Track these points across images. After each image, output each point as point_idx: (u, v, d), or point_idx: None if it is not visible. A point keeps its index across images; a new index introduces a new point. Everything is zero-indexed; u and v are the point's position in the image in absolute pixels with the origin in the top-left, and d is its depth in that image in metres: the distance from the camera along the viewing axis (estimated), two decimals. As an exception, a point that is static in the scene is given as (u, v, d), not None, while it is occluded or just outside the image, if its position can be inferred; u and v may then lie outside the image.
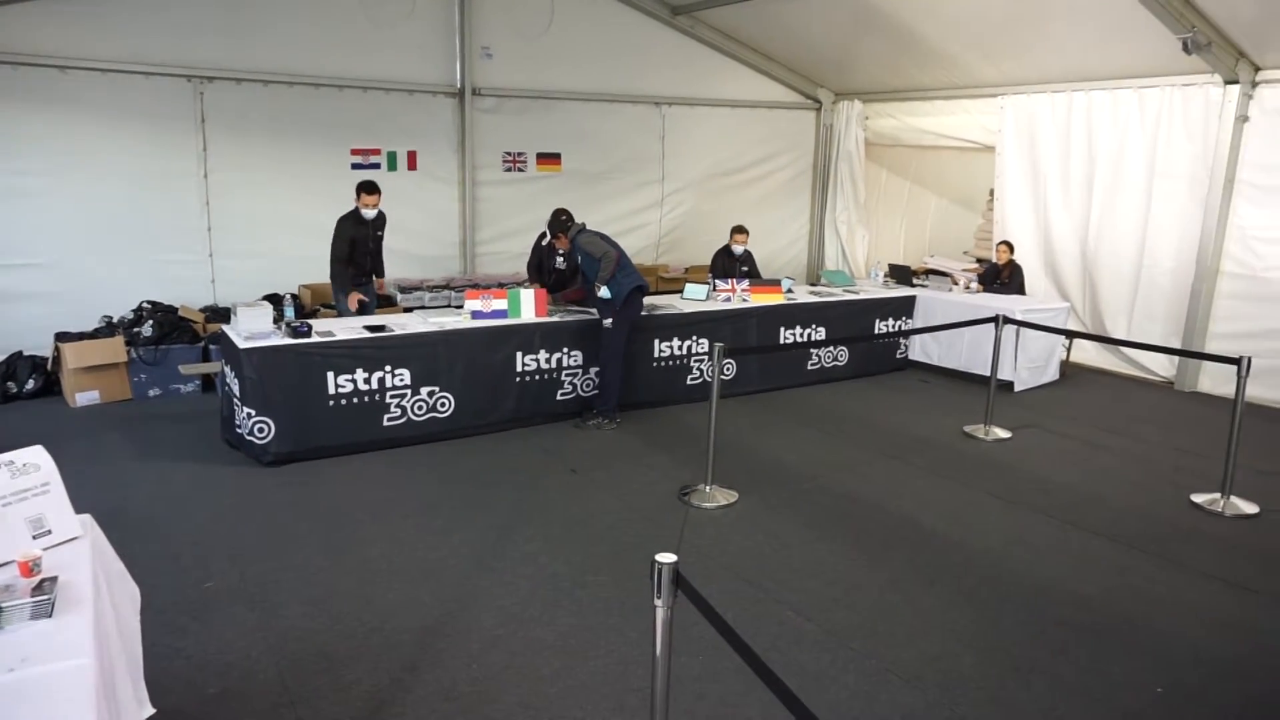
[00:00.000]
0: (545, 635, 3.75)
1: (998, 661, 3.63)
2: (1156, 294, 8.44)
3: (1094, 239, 8.88)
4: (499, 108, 9.49)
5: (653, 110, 10.52)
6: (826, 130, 11.69)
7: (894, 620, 3.94)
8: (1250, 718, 3.30)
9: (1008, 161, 9.59)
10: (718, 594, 4.11)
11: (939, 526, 4.99)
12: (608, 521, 4.95)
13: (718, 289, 7.76)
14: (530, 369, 6.49)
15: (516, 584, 4.19)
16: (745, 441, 6.38)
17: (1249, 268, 7.77)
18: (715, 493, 5.26)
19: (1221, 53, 7.35)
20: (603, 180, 10.25)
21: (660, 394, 7.18)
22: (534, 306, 6.59)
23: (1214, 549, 4.78)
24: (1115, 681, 3.51)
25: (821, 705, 3.28)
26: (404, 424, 6.02)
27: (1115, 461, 6.21)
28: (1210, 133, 7.84)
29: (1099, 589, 4.29)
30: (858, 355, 8.37)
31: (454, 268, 9.50)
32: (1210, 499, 5.40)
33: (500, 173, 9.66)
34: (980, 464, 6.08)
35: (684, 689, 3.35)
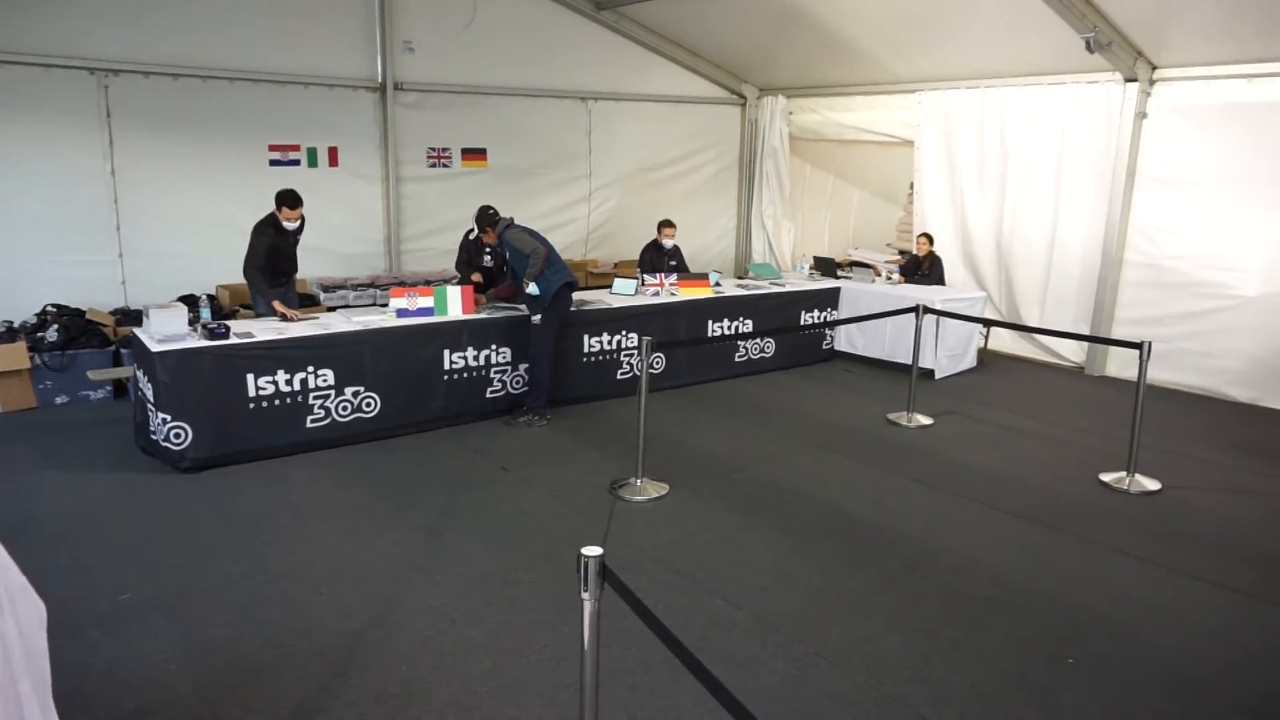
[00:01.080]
0: (476, 634, 3.73)
1: (921, 641, 3.74)
2: (1066, 283, 8.79)
3: (1008, 230, 9.20)
4: (422, 103, 9.34)
5: (579, 105, 10.49)
6: (751, 125, 11.84)
7: (821, 605, 4.03)
8: (1153, 682, 3.47)
9: (926, 156, 9.86)
10: (649, 586, 4.15)
11: (864, 512, 5.11)
12: (539, 518, 4.94)
13: (646, 283, 7.81)
14: (458, 367, 6.43)
15: (447, 584, 4.16)
16: (676, 434, 6.44)
17: (1150, 257, 8.16)
18: (646, 486, 5.30)
19: (1121, 52, 7.68)
20: (530, 176, 10.19)
21: (591, 389, 7.19)
22: (461, 304, 6.52)
23: (1120, 525, 5.01)
24: (1030, 654, 3.66)
25: (751, 691, 3.34)
26: (328, 425, 5.90)
27: (1029, 444, 6.46)
28: (1113, 128, 8.19)
29: (1015, 566, 4.46)
30: (785, 347, 8.51)
31: (379, 266, 9.33)
32: (1117, 477, 5.66)
33: (425, 169, 9.52)
34: (903, 450, 6.25)
35: (616, 681, 3.38)
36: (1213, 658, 3.66)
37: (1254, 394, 7.57)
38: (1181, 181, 7.88)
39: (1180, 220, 7.92)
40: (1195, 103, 7.74)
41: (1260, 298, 7.43)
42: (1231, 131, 7.50)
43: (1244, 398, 7.61)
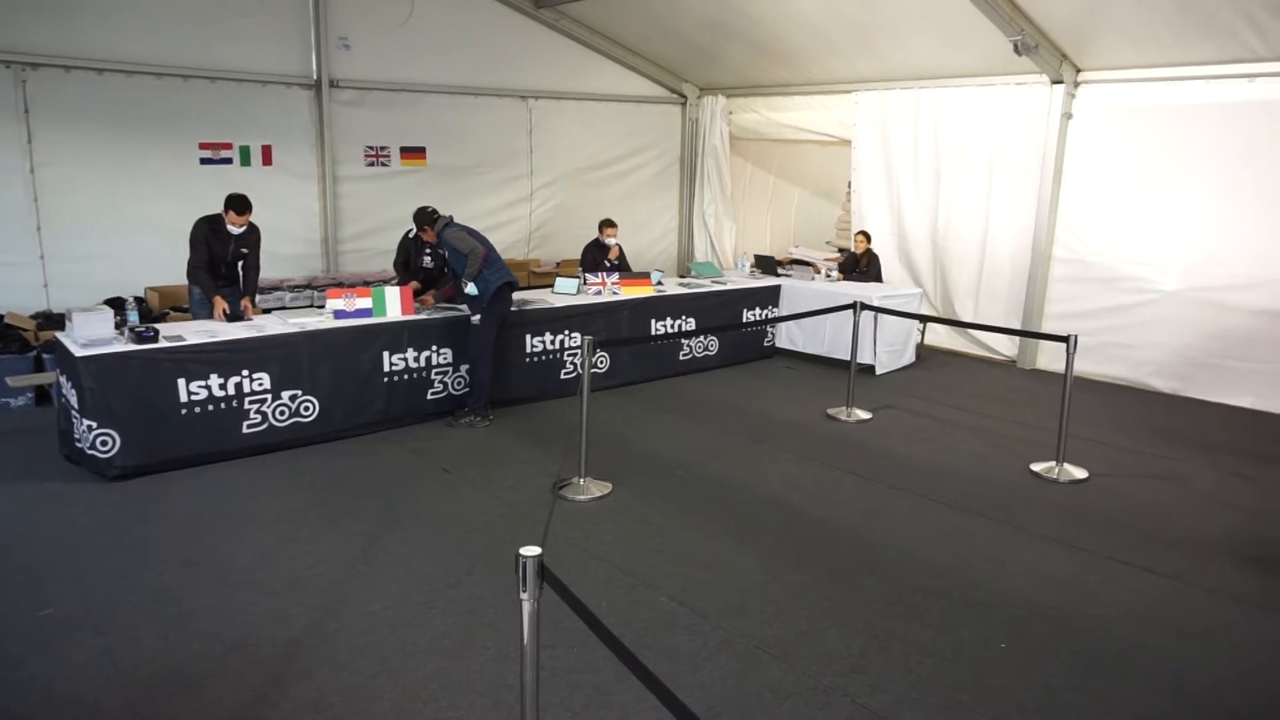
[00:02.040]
0: (418, 638, 3.69)
1: (859, 631, 3.81)
2: (999, 279, 9.04)
3: (942, 228, 9.42)
4: (359, 100, 9.19)
5: (519, 104, 10.44)
6: (692, 124, 11.91)
7: (763, 599, 4.08)
8: (1079, 662, 3.59)
9: (863, 155, 10.03)
10: (592, 584, 4.16)
11: (804, 506, 5.19)
12: (481, 520, 4.90)
13: (588, 282, 7.80)
14: (398, 369, 6.34)
15: (387, 588, 4.10)
16: (619, 433, 6.45)
17: (1077, 253, 8.43)
18: (589, 485, 5.30)
19: (1048, 54, 7.92)
20: (470, 175, 10.10)
21: (533, 389, 7.16)
22: (400, 304, 6.43)
23: (1050, 513, 5.17)
24: (964, 640, 3.75)
25: (694, 686, 3.37)
26: (265, 430, 5.77)
27: (964, 436, 6.62)
28: (1040, 129, 8.44)
29: (950, 556, 4.57)
30: (727, 345, 8.58)
31: (316, 266, 9.16)
32: (1047, 467, 5.84)
33: (362, 167, 9.37)
34: (843, 445, 6.36)
35: (559, 680, 3.37)
36: (1136, 638, 3.80)
37: (1175, 384, 7.87)
38: (1105, 180, 8.16)
39: (1105, 218, 8.20)
40: (1118, 105, 8.02)
41: (1179, 292, 7.73)
42: (1151, 132, 7.79)
43: (1165, 388, 7.92)
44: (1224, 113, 7.33)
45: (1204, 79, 7.38)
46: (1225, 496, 5.49)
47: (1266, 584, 4.32)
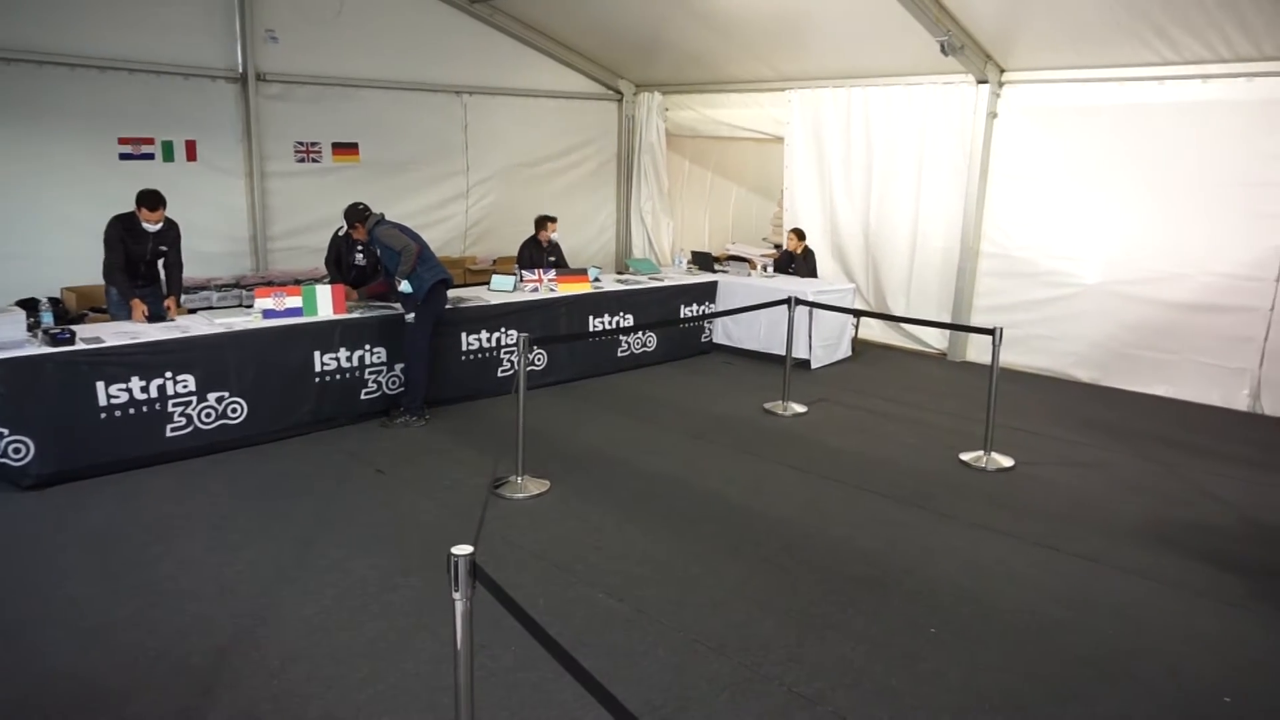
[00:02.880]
0: (353, 642, 3.62)
1: (795, 621, 3.87)
2: (929, 273, 9.25)
3: (874, 224, 9.60)
4: (288, 95, 8.97)
5: (454, 99, 10.31)
6: (629, 121, 11.92)
7: (701, 592, 4.12)
8: (1006, 644, 3.70)
9: (796, 152, 10.17)
10: (530, 583, 4.14)
11: (741, 499, 5.25)
12: (417, 521, 4.84)
13: (525, 279, 7.76)
14: (330, 369, 6.21)
15: (320, 593, 4.02)
16: (557, 430, 6.43)
17: (1003, 248, 8.68)
18: (527, 483, 5.27)
19: (973, 55, 8.13)
20: (404, 171, 9.95)
21: (470, 388, 7.08)
22: (331, 303, 6.30)
23: (978, 500, 5.32)
24: (896, 626, 3.84)
25: (632, 681, 3.39)
26: (190, 434, 5.60)
27: (897, 428, 6.77)
28: (967, 127, 8.67)
29: (883, 544, 4.67)
30: (665, 341, 8.62)
31: (245, 265, 8.91)
32: (975, 456, 6.01)
33: (293, 164, 9.15)
34: (779, 438, 6.44)
35: (496, 680, 3.35)
36: (1058, 617, 3.94)
37: (1095, 374, 8.17)
38: (1029, 178, 8.42)
39: (1029, 214, 8.47)
40: (1039, 105, 8.28)
41: (1099, 285, 8.03)
42: (1071, 131, 8.07)
43: (1087, 378, 8.21)
44: (1136, 113, 7.63)
45: (1118, 81, 7.68)
46: (1141, 481, 5.72)
47: (1177, 563, 4.52)
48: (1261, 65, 6.92)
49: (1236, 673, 3.55)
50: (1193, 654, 3.68)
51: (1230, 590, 4.24)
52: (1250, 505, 5.34)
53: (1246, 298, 7.21)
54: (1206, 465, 6.03)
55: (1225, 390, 7.42)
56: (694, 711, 3.22)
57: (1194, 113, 7.32)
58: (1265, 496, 5.49)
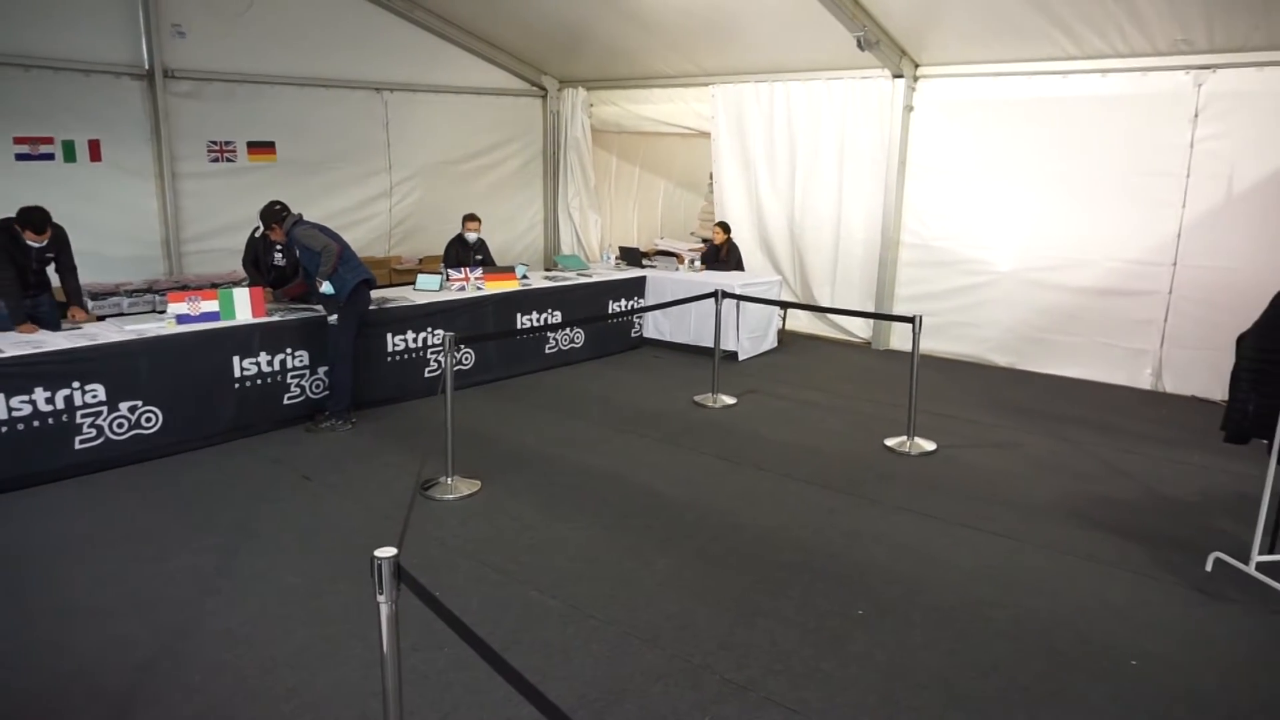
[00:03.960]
0: (279, 653, 3.54)
1: (727, 610, 3.92)
2: (853, 264, 9.46)
3: (799, 216, 9.77)
4: (198, 92, 8.68)
5: (374, 96, 10.12)
6: (554, 117, 11.86)
7: (633, 586, 4.14)
8: (931, 624, 3.82)
9: (721, 147, 10.27)
10: (462, 583, 4.11)
11: (672, 492, 5.29)
12: (345, 526, 4.75)
13: (451, 278, 7.67)
14: (250, 373, 6.04)
15: (245, 604, 3.92)
16: (487, 430, 6.38)
17: (922, 238, 8.93)
18: (457, 483, 5.22)
19: (889, 50, 8.33)
20: (325, 170, 9.72)
21: (397, 389, 6.97)
22: (250, 306, 6.13)
23: (902, 484, 5.47)
24: (825, 610, 3.93)
25: (565, 676, 3.39)
26: (101, 445, 5.38)
27: (824, 416, 6.91)
28: (885, 120, 8.88)
29: (811, 531, 4.77)
30: (594, 337, 8.62)
31: (158, 269, 8.60)
32: (899, 441, 6.17)
33: (206, 164, 8.86)
34: (709, 430, 6.51)
35: (429, 683, 3.32)
36: (979, 594, 4.08)
37: (1012, 359, 8.47)
38: (945, 169, 8.67)
39: (946, 205, 8.72)
40: (952, 98, 8.53)
41: (1012, 273, 8.32)
42: (982, 124, 8.34)
43: (1004, 362, 8.51)
44: (1043, 106, 7.93)
45: (1025, 75, 7.97)
46: (1054, 460, 5.95)
47: (1088, 537, 4.72)
48: (1155, 60, 7.27)
49: (1142, 637, 3.74)
50: (1102, 621, 3.86)
51: (1136, 560, 4.45)
52: (1153, 479, 5.61)
53: (1147, 282, 7.57)
54: (1114, 442, 6.31)
55: (1130, 370, 7.79)
56: (628, 703, 3.25)
57: (1095, 105, 7.64)
58: (1167, 470, 5.77)
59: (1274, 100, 6.60)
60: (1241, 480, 5.43)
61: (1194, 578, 4.26)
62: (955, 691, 3.34)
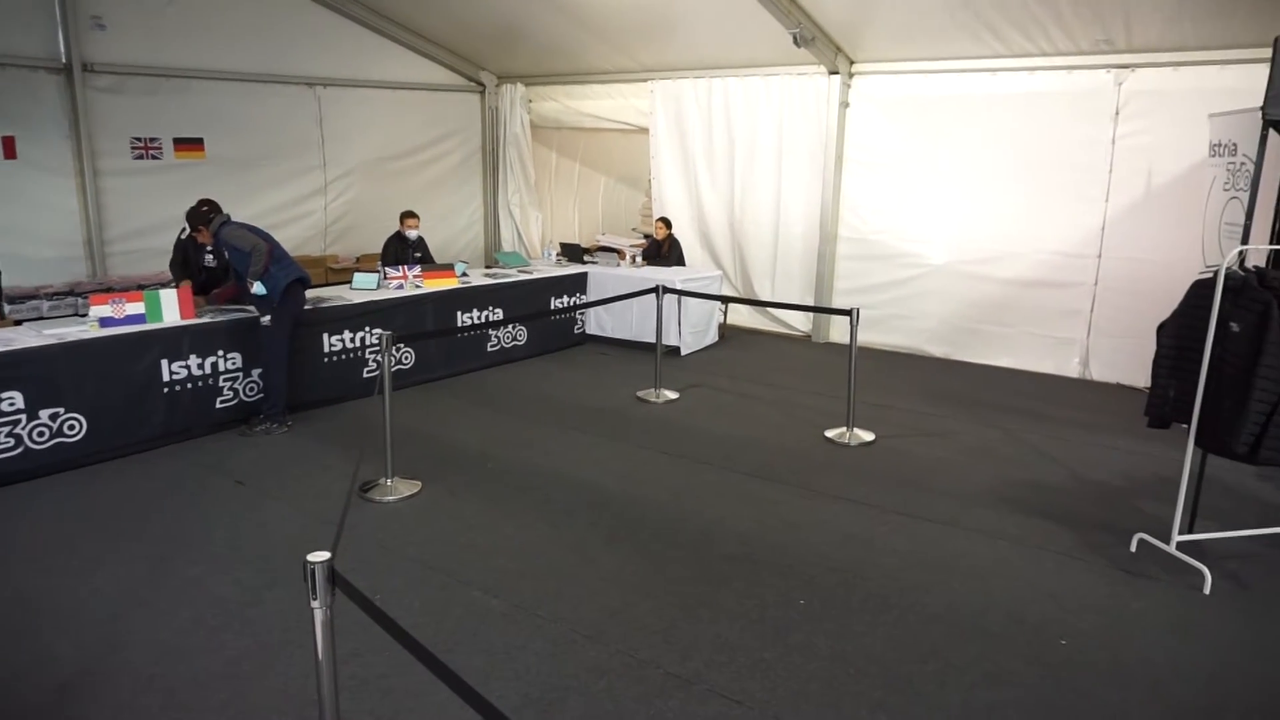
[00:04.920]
0: (212, 664, 3.45)
1: (670, 603, 3.94)
2: (792, 258, 9.57)
3: (739, 211, 9.84)
4: (120, 87, 8.37)
5: (307, 92, 9.89)
6: (492, 113, 11.74)
7: (577, 583, 4.13)
8: (870, 610, 3.89)
9: (660, 142, 10.29)
10: (403, 585, 4.06)
11: (616, 488, 5.29)
12: (281, 531, 4.65)
13: (389, 277, 7.55)
14: (180, 377, 5.87)
15: (176, 615, 3.81)
16: (428, 429, 6.30)
17: (859, 232, 9.08)
18: (398, 485, 5.15)
19: (824, 47, 8.44)
20: (256, 167, 9.46)
21: (334, 390, 6.83)
22: (179, 308, 5.95)
23: (842, 475, 5.56)
24: (767, 601, 3.97)
25: (509, 676, 3.37)
26: (20, 455, 5.16)
27: (765, 409, 6.98)
28: (822, 116, 9.00)
29: (754, 523, 4.81)
30: (537, 334, 8.57)
31: (80, 271, 8.28)
32: (839, 433, 6.27)
33: (129, 161, 8.55)
34: (652, 425, 6.53)
35: (369, 688, 3.27)
36: (916, 580, 4.17)
37: (947, 349, 8.67)
38: (880, 165, 8.82)
39: (881, 199, 8.88)
40: (887, 95, 8.69)
41: (946, 265, 8.51)
42: (916, 120, 8.51)
43: (939, 353, 8.71)
44: (973, 103, 8.12)
45: (956, 72, 8.16)
46: (986, 447, 6.11)
47: (1019, 521, 4.86)
48: (1078, 59, 7.50)
49: (1071, 616, 3.86)
50: (1033, 603, 3.98)
51: (1064, 542, 4.60)
52: (1081, 464, 5.80)
53: (1074, 274, 7.82)
54: (1043, 429, 6.50)
55: (1058, 359, 8.03)
56: (572, 701, 3.24)
57: (1023, 102, 7.85)
58: (1093, 455, 5.97)
59: (1188, 98, 6.86)
60: (1163, 463, 5.64)
61: (1119, 558, 4.42)
62: (894, 676, 3.41)
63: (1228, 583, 4.15)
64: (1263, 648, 3.65)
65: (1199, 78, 6.95)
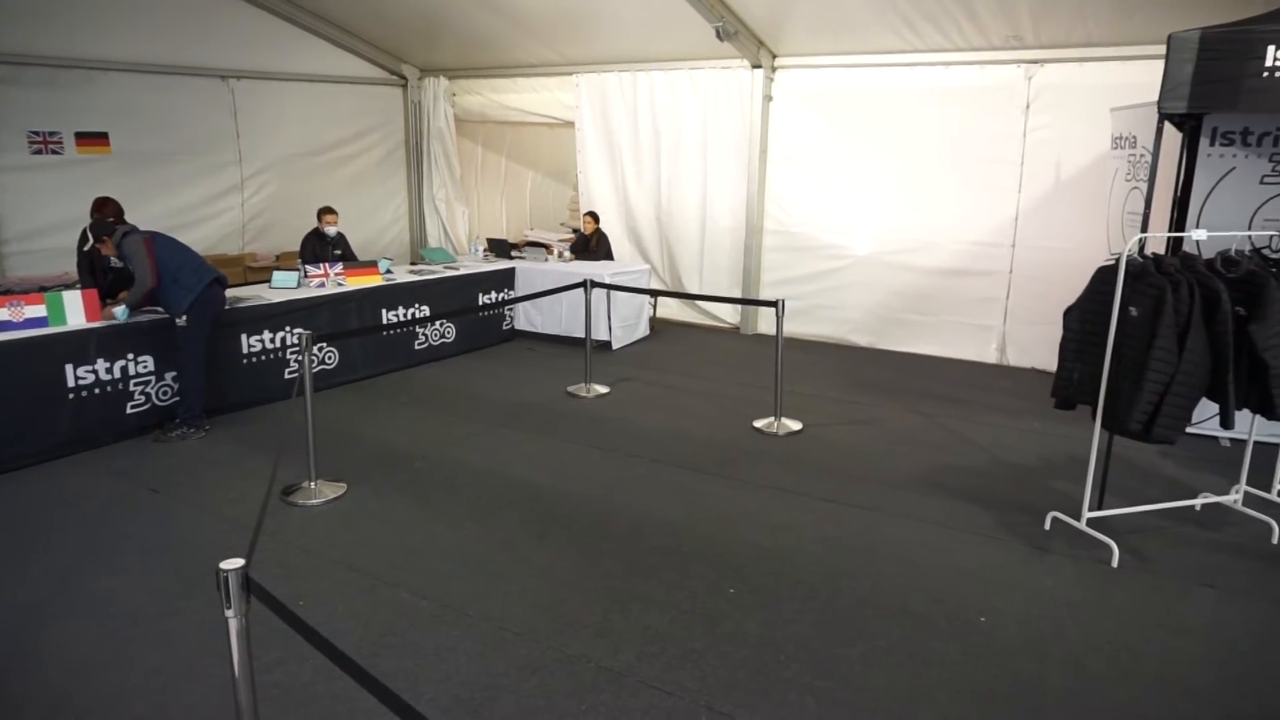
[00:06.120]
0: (127, 679, 3.32)
1: (601, 597, 3.94)
2: (719, 251, 9.65)
3: (666, 205, 9.88)
4: (15, 78, 7.97)
5: (220, 85, 9.56)
6: (415, 107, 11.54)
7: (507, 580, 4.10)
8: (798, 597, 3.95)
9: (586, 136, 10.26)
10: (328, 589, 3.97)
11: (547, 484, 5.27)
12: (199, 539, 4.49)
13: (309, 275, 7.36)
14: (87, 383, 5.62)
15: (86, 629, 3.65)
16: (353, 430, 6.17)
17: (784, 225, 9.20)
18: (321, 487, 5.03)
19: (746, 41, 8.52)
20: (167, 163, 9.11)
21: (255, 393, 6.63)
22: (84, 310, 5.69)
23: (771, 464, 5.63)
24: (697, 592, 4.00)
25: (440, 677, 3.33)
26: (-87, 468, 4.90)
27: (695, 402, 7.03)
28: (746, 110, 9.09)
29: (684, 514, 4.85)
30: (465, 331, 8.47)
31: (-24, 272, 7.88)
32: (767, 423, 6.35)
33: (27, 155, 8.16)
34: (582, 420, 6.52)
35: (294, 696, 3.19)
36: (844, 565, 4.25)
37: (871, 338, 8.87)
38: (804, 158, 8.96)
39: (805, 191, 9.02)
40: (809, 89, 8.82)
41: (869, 256, 8.70)
42: (838, 113, 8.67)
43: (865, 342, 8.90)
44: (892, 97, 8.31)
45: (875, 67, 8.33)
46: (910, 433, 6.27)
47: (941, 504, 5.00)
48: (990, 54, 7.73)
49: (990, 594, 3.99)
50: (954, 583, 4.10)
51: (983, 523, 4.75)
52: (998, 446, 6.00)
53: (990, 263, 8.07)
54: (964, 414, 6.70)
55: (978, 346, 8.29)
56: (504, 699, 3.21)
57: (939, 96, 8.06)
58: (1010, 438, 6.18)
59: (1093, 92, 7.13)
60: (1076, 444, 5.87)
61: (1034, 536, 4.58)
62: (821, 661, 3.48)
63: (1133, 556, 4.34)
64: (1165, 616, 3.83)
65: (1102, 73, 7.23)
